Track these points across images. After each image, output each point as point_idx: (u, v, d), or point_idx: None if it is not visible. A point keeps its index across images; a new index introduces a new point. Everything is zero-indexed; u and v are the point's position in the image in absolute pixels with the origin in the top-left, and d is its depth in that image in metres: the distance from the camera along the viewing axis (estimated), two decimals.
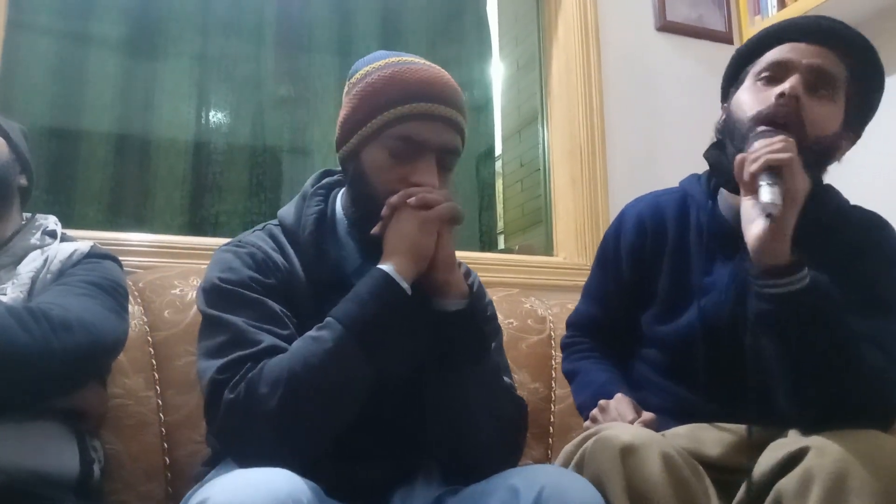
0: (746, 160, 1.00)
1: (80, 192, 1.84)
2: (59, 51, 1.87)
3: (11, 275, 1.14)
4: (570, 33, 2.18)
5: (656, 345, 1.23)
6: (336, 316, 0.92)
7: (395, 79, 1.00)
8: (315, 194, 1.09)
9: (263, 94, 2.07)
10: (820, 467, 0.87)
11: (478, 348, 0.99)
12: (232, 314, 0.94)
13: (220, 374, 0.90)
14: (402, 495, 0.99)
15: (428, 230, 0.96)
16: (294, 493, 0.74)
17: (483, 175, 2.35)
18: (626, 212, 1.34)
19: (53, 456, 1.03)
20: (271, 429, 0.86)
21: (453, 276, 0.99)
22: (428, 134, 0.99)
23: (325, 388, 0.88)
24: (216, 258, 1.03)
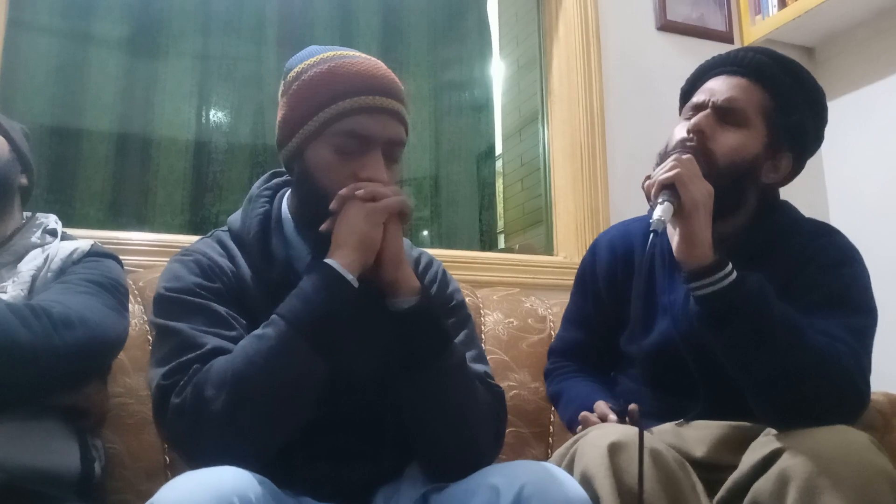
0: (647, 185, 1.11)
1: (81, 191, 1.84)
2: (60, 50, 1.87)
3: (12, 273, 1.14)
4: (571, 33, 2.18)
5: (633, 362, 1.28)
6: (280, 312, 0.91)
7: (333, 73, 0.98)
8: (260, 196, 1.09)
9: (264, 93, 2.07)
10: (793, 468, 0.90)
11: (438, 343, 0.98)
12: (178, 321, 0.94)
13: (165, 379, 0.89)
14: (386, 494, 0.99)
15: (374, 222, 0.95)
16: (239, 489, 0.74)
17: (483, 174, 2.35)
18: (599, 240, 1.42)
19: (55, 454, 1.03)
20: (219, 430, 0.85)
21: (401, 272, 0.98)
22: (372, 127, 0.98)
23: (270, 386, 0.87)
24: (165, 269, 1.02)
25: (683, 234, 1.06)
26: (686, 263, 1.06)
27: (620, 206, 2.09)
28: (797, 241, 1.21)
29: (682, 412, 1.17)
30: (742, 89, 1.20)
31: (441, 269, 1.18)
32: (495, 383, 1.08)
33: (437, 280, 1.14)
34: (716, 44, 2.38)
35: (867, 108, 2.32)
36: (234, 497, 0.73)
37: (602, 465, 0.94)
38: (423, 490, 0.97)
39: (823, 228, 1.26)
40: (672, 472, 0.96)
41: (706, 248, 1.05)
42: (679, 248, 1.07)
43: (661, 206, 1.05)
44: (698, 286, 1.05)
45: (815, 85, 1.25)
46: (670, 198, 1.06)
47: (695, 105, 1.23)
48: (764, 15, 2.38)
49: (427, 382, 0.96)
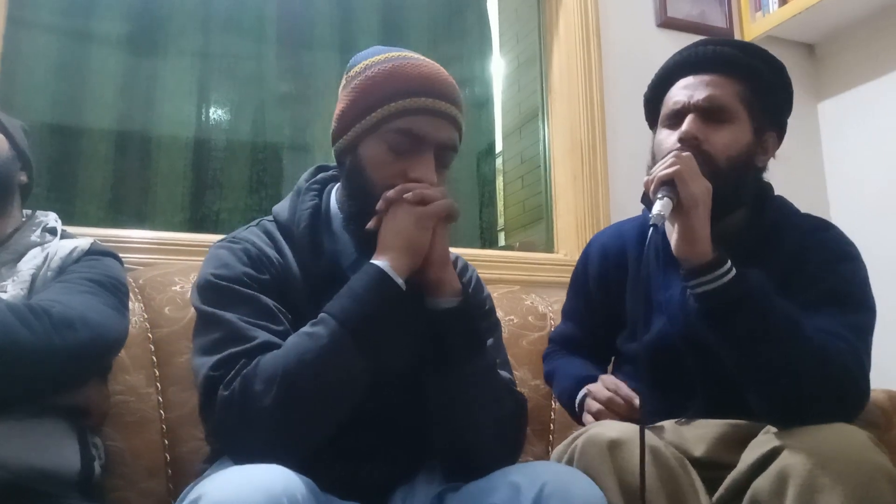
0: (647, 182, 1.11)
1: (81, 189, 1.84)
2: (60, 47, 1.87)
3: (12, 272, 1.14)
4: (571, 30, 2.18)
5: (629, 360, 1.30)
6: (331, 311, 0.91)
7: (395, 73, 1.00)
8: (309, 189, 1.09)
9: (264, 90, 2.07)
10: (793, 467, 0.90)
11: (472, 346, 0.99)
12: (226, 310, 0.94)
13: (214, 370, 0.90)
14: (404, 493, 0.99)
15: (423, 226, 0.96)
16: (289, 490, 0.74)
17: (484, 172, 2.34)
18: (592, 242, 1.43)
19: (55, 453, 1.03)
20: (266, 426, 0.85)
21: (447, 273, 0.99)
22: (427, 129, 0.99)
23: (320, 385, 0.88)
24: (211, 255, 1.02)
25: (682, 231, 1.06)
26: (685, 261, 1.06)
27: (621, 203, 2.09)
28: (794, 236, 1.21)
29: (679, 410, 1.17)
30: (717, 85, 1.19)
31: (476, 275, 1.19)
32: (519, 392, 1.09)
33: (472, 284, 1.15)
34: None
35: (867, 104, 2.32)
36: (284, 498, 0.73)
37: (604, 462, 0.95)
38: (439, 489, 0.98)
39: (820, 223, 1.25)
40: (671, 470, 0.97)
41: (705, 244, 1.05)
42: (678, 245, 1.07)
43: (660, 201, 1.05)
44: (697, 283, 1.05)
45: (774, 58, 1.26)
46: (669, 193, 1.06)
47: (675, 112, 1.21)
48: (764, 11, 2.37)
49: (456, 383, 0.97)
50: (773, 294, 1.04)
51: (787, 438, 0.95)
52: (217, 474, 0.77)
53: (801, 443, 0.92)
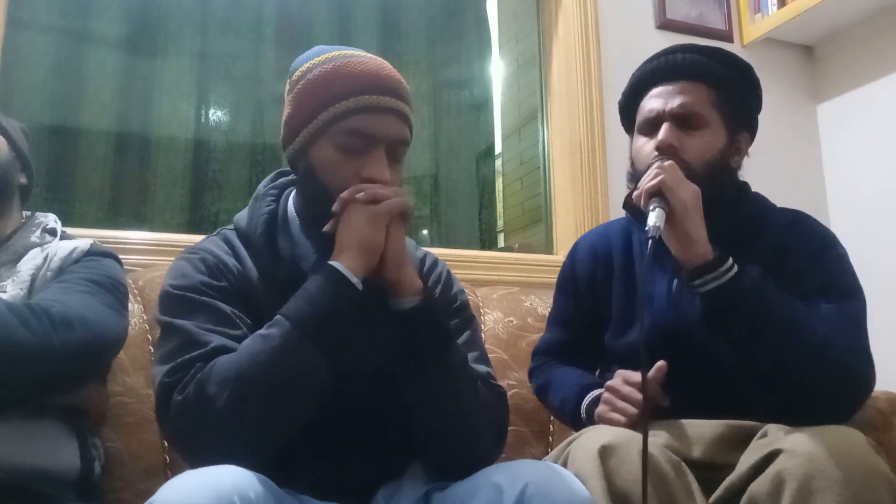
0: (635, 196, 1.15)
1: (80, 190, 1.84)
2: (58, 48, 1.87)
3: (11, 272, 1.14)
4: (570, 31, 2.18)
5: (618, 358, 1.28)
6: (284, 313, 0.91)
7: (338, 73, 0.99)
8: (266, 195, 1.09)
9: (263, 91, 2.07)
10: (790, 469, 0.90)
11: (440, 343, 0.98)
12: (182, 319, 0.94)
13: (168, 376, 0.89)
14: (388, 492, 0.99)
15: (376, 225, 0.95)
16: (240, 488, 0.74)
17: (483, 173, 2.34)
18: (579, 243, 1.45)
19: (54, 453, 1.03)
20: (221, 428, 0.85)
21: (404, 272, 0.98)
22: (376, 126, 0.98)
23: (273, 386, 0.87)
24: (171, 267, 1.03)
25: (679, 237, 1.09)
26: (688, 263, 1.09)
27: (620, 204, 2.09)
28: (772, 230, 1.23)
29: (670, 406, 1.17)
30: (689, 92, 1.22)
31: (446, 270, 1.19)
32: (497, 384, 1.08)
33: (441, 281, 1.15)
34: (715, 42, 2.38)
35: (866, 106, 2.32)
36: (235, 496, 0.73)
37: (593, 467, 0.95)
38: (424, 489, 0.97)
39: (796, 215, 1.28)
40: (664, 475, 0.96)
41: (704, 245, 1.09)
42: (678, 250, 1.10)
43: (653, 213, 1.08)
44: (702, 283, 1.08)
45: (742, 61, 1.27)
46: (660, 204, 1.09)
47: (649, 120, 1.24)
48: (763, 13, 2.38)
49: (428, 381, 0.97)
50: (774, 287, 1.07)
51: (785, 441, 0.95)
52: (171, 480, 0.77)
53: (800, 445, 0.92)
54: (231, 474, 0.76)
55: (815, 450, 0.90)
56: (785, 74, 2.47)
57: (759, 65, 2.40)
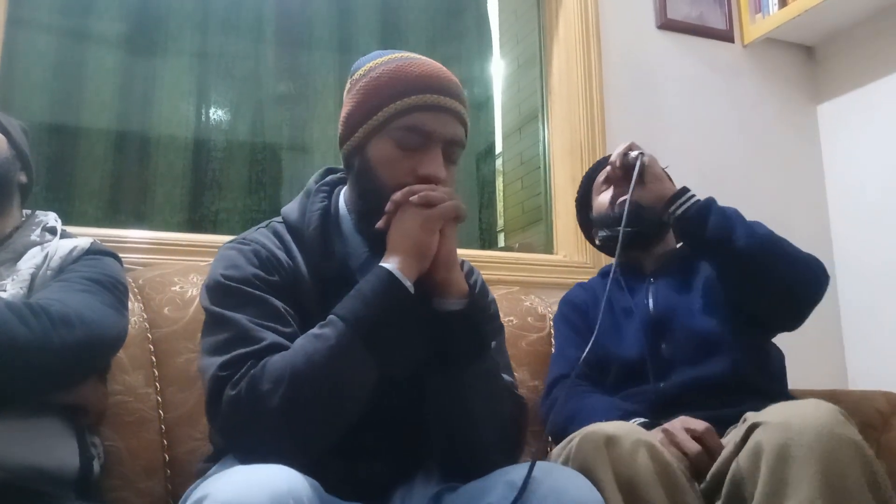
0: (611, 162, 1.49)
1: (80, 189, 1.84)
2: (58, 47, 1.87)
3: (11, 271, 1.14)
4: (571, 31, 2.18)
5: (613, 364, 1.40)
6: (339, 314, 0.91)
7: (399, 72, 1.00)
8: (319, 191, 1.09)
9: (263, 91, 2.07)
10: (766, 441, 0.94)
11: (477, 347, 0.99)
12: (235, 311, 0.94)
13: (222, 370, 0.89)
14: (403, 493, 0.99)
15: (430, 229, 0.96)
16: (294, 491, 0.74)
17: (483, 173, 2.35)
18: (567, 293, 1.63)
19: (53, 452, 1.03)
20: (273, 426, 0.85)
21: (454, 274, 0.99)
22: (434, 125, 0.99)
23: (327, 386, 0.88)
24: (220, 255, 1.03)
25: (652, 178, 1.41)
26: (660, 200, 1.39)
27: None
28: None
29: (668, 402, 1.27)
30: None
31: (481, 279, 1.20)
32: (520, 395, 1.09)
33: (477, 287, 1.16)
34: (716, 42, 2.38)
35: (866, 106, 2.32)
36: (290, 498, 0.72)
37: (600, 456, 0.98)
38: (436, 489, 0.98)
39: None
40: (668, 466, 0.99)
41: (669, 184, 1.42)
42: (654, 189, 1.40)
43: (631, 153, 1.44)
44: (675, 208, 1.37)
45: None
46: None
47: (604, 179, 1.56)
48: (764, 13, 2.38)
49: (459, 384, 0.97)
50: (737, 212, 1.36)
51: (761, 415, 0.99)
52: (222, 474, 0.77)
53: (774, 417, 0.96)
54: (285, 476, 0.76)
55: (789, 421, 0.94)
56: (785, 74, 2.47)
57: (760, 65, 2.43)
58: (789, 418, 0.94)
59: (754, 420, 0.98)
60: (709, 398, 1.25)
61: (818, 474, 0.88)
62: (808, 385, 1.46)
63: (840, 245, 2.35)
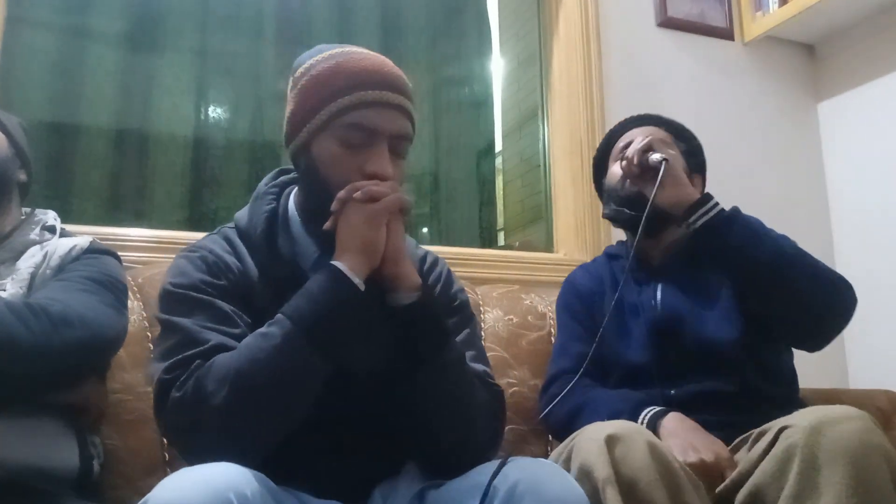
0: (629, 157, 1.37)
1: (80, 187, 1.84)
2: (58, 45, 1.86)
3: (11, 270, 1.13)
4: (571, 29, 2.18)
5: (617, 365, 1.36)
6: (285, 312, 0.91)
7: (339, 68, 0.99)
8: (267, 193, 1.09)
9: (263, 89, 2.07)
10: (796, 446, 0.93)
11: (437, 339, 0.98)
12: (182, 317, 0.94)
13: (167, 373, 0.89)
14: (385, 491, 0.99)
15: (375, 224, 0.95)
16: (235, 485, 0.74)
17: (483, 171, 2.34)
18: (571, 274, 1.58)
19: (53, 451, 1.03)
20: (218, 425, 0.85)
21: (402, 268, 0.98)
22: (378, 121, 0.98)
23: (272, 384, 0.87)
24: (171, 265, 1.03)
25: (672, 182, 1.31)
26: (678, 205, 1.30)
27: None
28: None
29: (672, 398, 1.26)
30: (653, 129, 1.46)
31: (446, 269, 1.19)
32: (494, 382, 1.09)
33: (441, 279, 1.15)
34: (716, 40, 2.38)
35: (867, 104, 2.32)
36: (231, 493, 0.72)
37: (601, 455, 0.97)
38: (419, 487, 0.97)
39: None
40: (670, 465, 0.98)
41: (691, 188, 1.33)
42: (674, 195, 1.31)
43: (654, 154, 1.33)
44: (696, 217, 1.28)
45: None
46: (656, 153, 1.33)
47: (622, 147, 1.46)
48: (764, 11, 2.37)
49: (425, 378, 0.97)
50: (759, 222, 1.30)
51: (791, 420, 0.98)
52: (166, 478, 0.77)
53: (804, 422, 0.95)
54: (226, 472, 0.76)
55: (820, 426, 0.93)
56: (786, 72, 2.46)
57: (760, 63, 2.43)
58: (820, 424, 0.93)
59: (783, 424, 0.97)
60: (719, 408, 1.22)
61: (847, 481, 0.88)
62: (809, 384, 1.46)
63: (840, 242, 2.35)
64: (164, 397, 0.88)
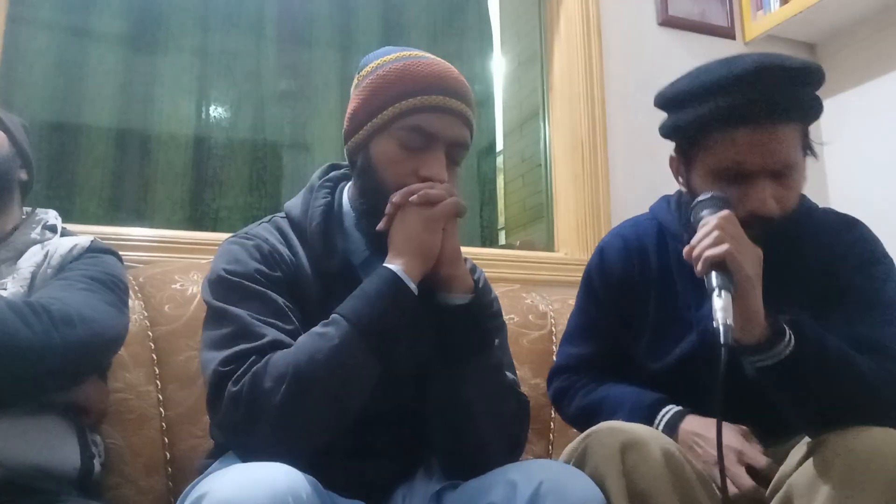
0: (693, 256, 0.98)
1: (81, 187, 1.84)
2: (59, 45, 1.86)
3: (12, 269, 1.13)
4: (572, 28, 2.18)
5: (651, 378, 1.21)
6: (343, 313, 0.91)
7: (406, 71, 1.00)
8: (322, 187, 1.09)
9: (264, 88, 2.07)
10: (830, 463, 0.89)
11: (480, 343, 0.99)
12: (237, 306, 0.94)
13: (223, 366, 0.89)
14: (405, 491, 0.99)
15: (433, 228, 0.96)
16: (293, 489, 0.74)
17: (484, 171, 2.34)
18: (607, 243, 1.31)
19: (54, 451, 1.03)
20: (274, 423, 0.85)
21: (459, 270, 0.99)
22: (439, 126, 0.99)
23: (329, 385, 0.88)
24: (223, 250, 1.02)
25: (739, 314, 0.94)
26: (743, 339, 0.97)
27: (621, 202, 2.09)
28: (821, 235, 1.17)
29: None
30: (786, 141, 1.06)
31: (484, 276, 1.20)
32: (522, 393, 1.09)
33: (480, 284, 1.15)
34: (717, 39, 2.37)
35: (868, 104, 2.32)
36: (289, 496, 0.72)
37: (613, 464, 0.93)
38: (437, 487, 0.98)
39: (847, 220, 1.23)
40: (685, 475, 0.94)
41: (761, 321, 0.96)
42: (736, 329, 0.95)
43: (718, 298, 0.92)
44: (758, 359, 0.98)
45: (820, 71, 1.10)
46: (724, 283, 0.93)
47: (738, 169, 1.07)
48: (766, 10, 2.37)
49: (462, 380, 0.97)
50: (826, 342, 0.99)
51: (828, 436, 0.93)
52: (221, 472, 0.77)
53: (843, 440, 0.91)
54: (285, 474, 0.76)
55: (856, 445, 0.89)
56: None
57: None
58: (855, 443, 0.90)
59: (817, 440, 0.93)
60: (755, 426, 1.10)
61: (883, 502, 0.85)
62: None
63: None
64: (220, 391, 0.88)
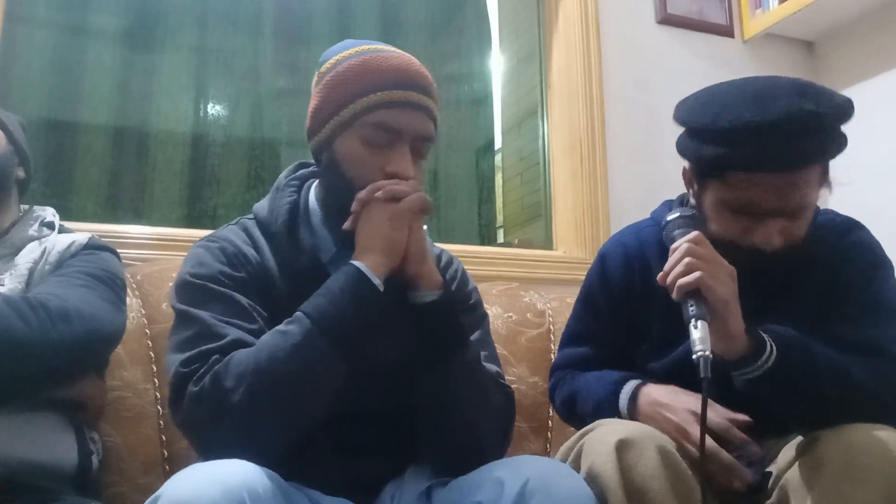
0: (667, 283, 1.00)
1: (78, 185, 1.84)
2: (57, 43, 1.86)
3: (9, 266, 1.13)
4: (571, 26, 2.18)
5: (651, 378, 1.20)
6: (305, 310, 0.91)
7: (366, 66, 0.99)
8: (288, 185, 1.09)
9: (262, 86, 2.07)
10: (826, 458, 0.90)
11: (455, 338, 0.99)
12: (200, 309, 0.94)
13: (184, 366, 0.89)
14: (393, 488, 0.99)
15: (398, 224, 0.96)
16: (249, 484, 0.74)
17: (482, 168, 2.34)
18: (609, 251, 1.31)
19: (52, 448, 1.03)
20: (235, 422, 0.85)
21: (424, 267, 0.99)
22: (403, 121, 0.98)
23: (290, 383, 0.87)
24: (190, 254, 1.02)
25: (717, 334, 0.97)
26: (726, 356, 1.00)
27: (620, 200, 2.09)
28: (823, 238, 1.17)
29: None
30: (805, 183, 1.06)
31: (461, 268, 1.19)
32: (506, 384, 1.09)
33: (457, 278, 1.15)
34: (716, 37, 2.37)
35: (867, 102, 2.31)
36: (244, 491, 0.72)
37: (610, 462, 0.93)
38: (427, 484, 0.97)
39: (847, 223, 1.23)
40: (682, 473, 0.95)
41: (742, 338, 0.99)
42: (715, 345, 0.97)
43: (695, 329, 0.94)
44: (741, 373, 1.01)
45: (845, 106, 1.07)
46: (700, 312, 0.96)
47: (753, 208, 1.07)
48: (764, 8, 2.37)
49: (441, 377, 0.97)
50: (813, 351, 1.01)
51: (823, 433, 0.94)
52: (178, 473, 0.77)
53: (838, 436, 0.92)
54: (240, 469, 0.76)
55: (852, 440, 0.90)
56: (785, 70, 2.46)
57: (760, 60, 2.42)
58: (851, 438, 0.91)
59: (812, 436, 0.94)
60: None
61: (879, 497, 0.86)
62: None
63: None
64: (181, 390, 0.88)
